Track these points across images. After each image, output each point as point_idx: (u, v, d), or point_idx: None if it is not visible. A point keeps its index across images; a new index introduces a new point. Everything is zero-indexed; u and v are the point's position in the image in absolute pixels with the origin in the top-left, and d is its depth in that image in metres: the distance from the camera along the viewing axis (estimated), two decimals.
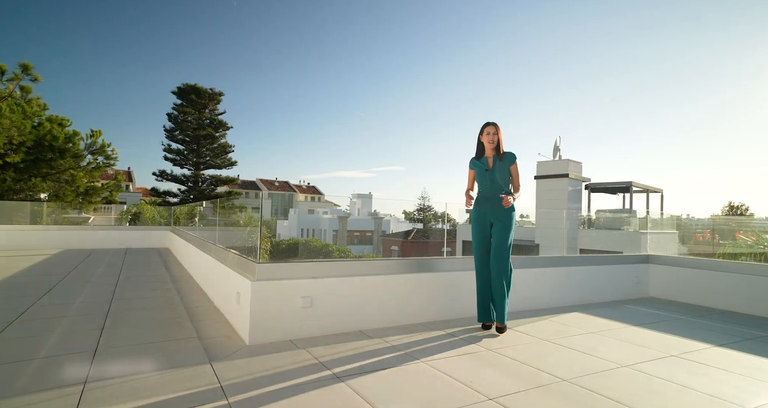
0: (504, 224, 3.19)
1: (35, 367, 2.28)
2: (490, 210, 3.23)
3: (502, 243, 3.18)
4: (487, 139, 3.25)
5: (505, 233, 3.18)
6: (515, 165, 3.27)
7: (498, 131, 3.26)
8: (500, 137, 3.26)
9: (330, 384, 2.15)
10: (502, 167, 3.23)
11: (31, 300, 3.95)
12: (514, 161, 3.26)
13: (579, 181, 16.29)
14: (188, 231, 7.66)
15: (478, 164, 3.31)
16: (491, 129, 3.25)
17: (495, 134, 3.24)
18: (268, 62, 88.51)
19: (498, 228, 3.20)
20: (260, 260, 2.96)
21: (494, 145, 3.24)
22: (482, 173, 3.27)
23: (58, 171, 13.19)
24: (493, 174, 3.23)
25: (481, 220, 3.27)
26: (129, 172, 42.27)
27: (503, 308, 3.19)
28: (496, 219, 3.21)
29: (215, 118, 28.76)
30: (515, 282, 4.07)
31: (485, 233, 3.26)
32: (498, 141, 3.25)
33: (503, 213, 3.20)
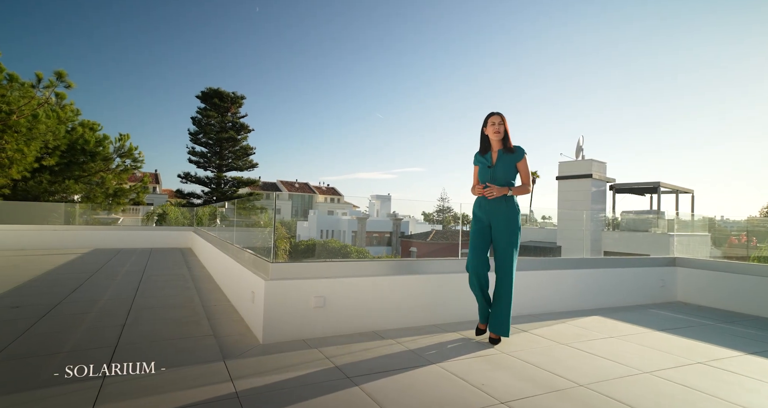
0: (508, 227, 2.89)
1: (59, 360, 2.38)
2: (492, 211, 2.92)
3: (507, 248, 2.88)
4: (492, 130, 2.92)
5: (508, 236, 2.89)
6: (524, 161, 2.94)
7: (504, 121, 2.93)
8: (507, 128, 2.94)
9: (341, 385, 2.15)
10: (507, 163, 2.91)
11: (61, 296, 4.13)
12: (522, 157, 2.93)
13: (603, 182, 15.82)
14: (209, 231, 7.86)
15: (481, 160, 3.03)
16: (496, 119, 2.92)
17: (501, 124, 2.91)
18: (289, 65, 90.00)
19: (501, 231, 2.90)
20: (273, 260, 3.00)
21: (501, 136, 2.91)
22: (484, 170, 2.98)
23: (89, 173, 13.77)
24: (495, 171, 2.93)
25: (481, 223, 2.97)
26: (156, 175, 43.72)
27: (507, 319, 2.89)
28: (499, 221, 2.91)
29: (237, 121, 29.43)
30: (533, 283, 3.99)
31: (484, 235, 2.96)
32: (505, 132, 2.92)
33: (506, 214, 2.90)
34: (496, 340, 2.93)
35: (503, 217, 2.91)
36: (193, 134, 28.52)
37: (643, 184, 16.38)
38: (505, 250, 2.90)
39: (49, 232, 9.90)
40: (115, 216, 16.53)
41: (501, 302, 2.91)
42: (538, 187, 51.54)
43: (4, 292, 4.34)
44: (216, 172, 28.66)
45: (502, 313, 2.90)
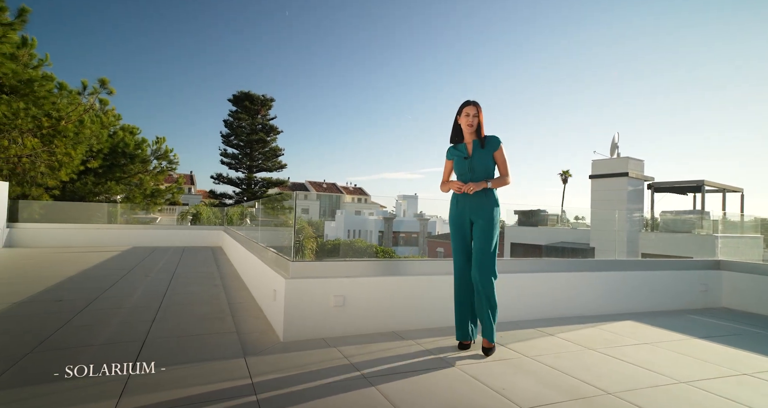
0: (486, 223, 2.68)
1: (92, 352, 2.50)
2: (471, 207, 2.72)
3: (486, 245, 2.66)
4: (465, 122, 2.73)
5: (489, 234, 2.67)
6: (500, 150, 2.74)
7: (479, 112, 2.73)
8: (481, 119, 2.74)
9: (357, 385, 2.14)
10: (484, 154, 2.73)
11: (99, 291, 4.36)
12: (498, 146, 2.73)
13: (640, 181, 15.04)
14: (237, 230, 8.08)
15: (455, 152, 2.81)
16: (471, 109, 2.73)
17: (476, 116, 2.72)
18: (318, 66, 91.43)
19: (480, 228, 2.69)
20: (294, 258, 3.03)
21: (474, 128, 2.73)
22: (461, 162, 2.77)
23: (129, 175, 14.52)
24: (473, 162, 2.72)
25: (459, 220, 2.77)
26: (191, 176, 45.57)
27: (491, 324, 2.67)
28: (478, 217, 2.70)
29: (267, 123, 30.18)
30: (561, 285, 3.83)
31: (465, 235, 2.77)
32: (479, 123, 2.74)
33: (485, 210, 2.69)
34: (491, 350, 2.68)
35: (484, 213, 2.70)
36: (225, 136, 29.48)
37: (686, 182, 15.45)
38: (486, 249, 2.66)
39: (93, 231, 10.51)
40: (153, 215, 17.36)
41: (485, 306, 2.66)
42: (570, 187, 49.66)
43: (50, 286, 4.63)
44: (246, 173, 29.50)
45: (489, 317, 2.66)
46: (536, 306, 3.72)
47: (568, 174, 41.90)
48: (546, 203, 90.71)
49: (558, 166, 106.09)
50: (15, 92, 10.61)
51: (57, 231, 10.06)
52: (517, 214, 17.64)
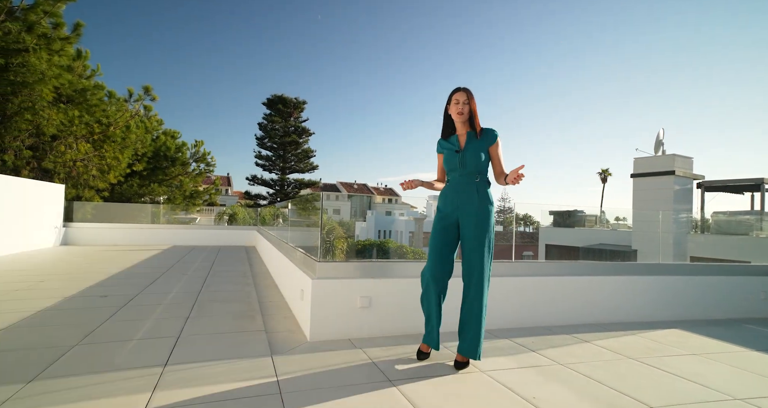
0: (480, 224, 2.39)
1: (131, 347, 2.62)
2: (462, 205, 2.43)
3: (479, 248, 2.38)
4: (455, 110, 2.43)
5: (482, 235, 2.39)
6: (497, 145, 2.47)
7: (470, 99, 2.43)
8: (474, 108, 2.44)
9: (382, 387, 2.11)
10: (478, 148, 2.44)
11: (140, 288, 4.59)
12: (495, 140, 2.45)
13: (689, 179, 14.08)
14: (269, 230, 8.29)
15: (446, 145, 2.52)
16: (461, 96, 2.42)
17: (466, 103, 2.42)
18: (349, 67, 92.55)
19: (471, 229, 2.39)
20: (321, 259, 3.04)
21: (465, 117, 2.44)
22: (451, 155, 2.48)
23: (170, 177, 15.27)
24: (465, 156, 2.43)
25: (446, 219, 2.46)
26: (228, 178, 47.36)
27: (478, 338, 2.37)
28: (469, 217, 2.40)
29: (299, 125, 30.85)
30: (598, 290, 3.64)
31: (450, 236, 2.46)
32: (471, 112, 2.45)
33: (477, 208, 2.41)
34: (464, 364, 2.40)
35: (475, 213, 2.41)
36: (260, 139, 30.39)
37: (743, 180, 14.32)
38: (477, 252, 2.39)
39: (137, 230, 11.13)
40: (192, 216, 18.17)
41: (472, 317, 2.39)
42: (609, 186, 47.21)
43: (98, 282, 4.93)
44: (280, 175, 30.28)
45: (474, 331, 2.38)
46: (571, 311, 3.54)
47: (607, 173, 40.03)
48: (583, 203, 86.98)
49: (596, 165, 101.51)
50: (71, 101, 11.43)
51: (106, 230, 10.73)
52: (553, 215, 17.02)
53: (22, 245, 8.20)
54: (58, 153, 10.93)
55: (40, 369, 2.21)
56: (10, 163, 9.96)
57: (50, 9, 9.60)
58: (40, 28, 9.53)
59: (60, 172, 11.13)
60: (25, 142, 10.25)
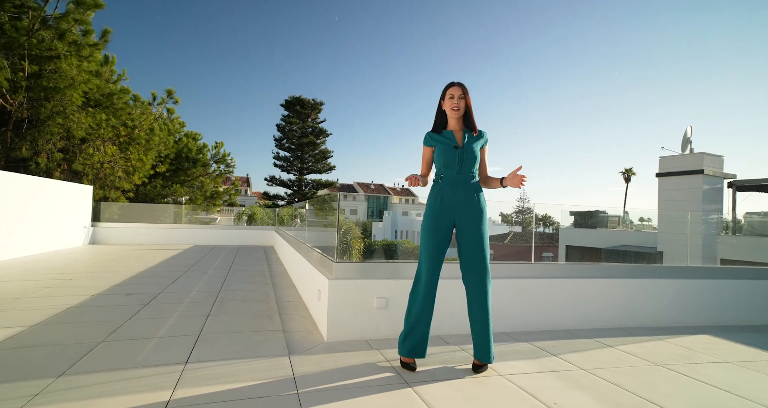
0: (479, 223, 2.34)
1: (153, 344, 2.68)
2: (460, 204, 2.35)
3: (483, 248, 2.34)
4: (449, 105, 2.38)
5: (483, 235, 2.35)
6: (486, 147, 2.49)
7: (466, 94, 2.38)
8: (469, 102, 2.40)
9: (398, 389, 2.10)
10: (475, 146, 2.41)
11: (163, 287, 4.71)
12: (487, 142, 2.48)
13: (719, 179, 13.51)
14: (287, 230, 8.38)
15: (441, 139, 2.41)
16: (455, 90, 2.37)
17: (461, 98, 2.37)
18: (365, 68, 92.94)
19: (471, 229, 2.33)
20: (338, 259, 3.05)
21: (461, 112, 2.38)
22: (449, 151, 2.37)
23: (192, 178, 15.65)
24: (465, 153, 2.35)
25: (441, 219, 2.36)
26: (247, 178, 48.20)
27: (490, 341, 2.35)
28: (468, 216, 2.34)
29: (316, 126, 31.12)
30: (622, 293, 3.53)
31: (445, 237, 2.37)
32: (466, 108, 2.40)
33: (477, 208, 2.35)
34: (482, 368, 2.36)
35: (476, 212, 2.35)
36: (278, 140, 30.81)
37: None
38: (481, 253, 2.33)
39: (160, 230, 11.45)
40: (212, 216, 18.56)
41: (483, 320, 2.34)
42: (633, 186, 45.69)
43: (123, 280, 5.08)
44: (297, 175, 30.63)
45: (487, 334, 2.35)
46: (593, 314, 3.44)
47: (631, 172, 38.89)
48: (605, 204, 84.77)
49: (620, 164, 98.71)
50: (98, 105, 11.85)
51: (130, 230, 11.07)
52: (573, 216, 16.63)
53: (54, 244, 8.55)
54: (87, 155, 11.34)
55: (69, 364, 2.29)
56: (43, 166, 10.40)
57: (80, 17, 9.97)
58: (70, 35, 9.93)
59: (88, 173, 11.55)
60: (56, 145, 10.68)
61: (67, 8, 9.80)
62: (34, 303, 3.75)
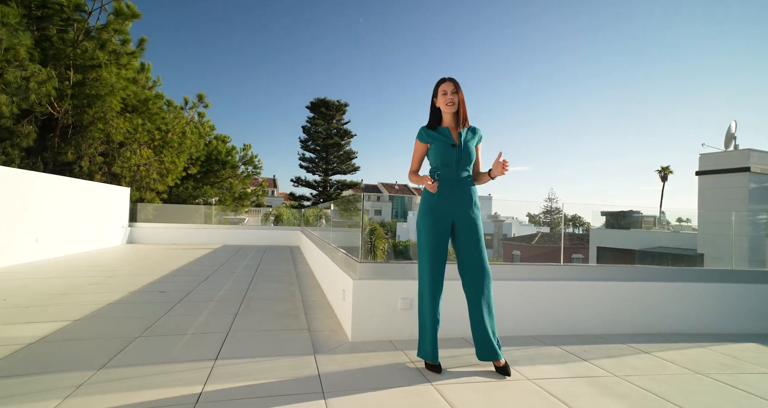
0: (476, 221, 2.33)
1: (185, 340, 2.78)
2: (458, 203, 2.32)
3: (482, 246, 2.31)
4: (443, 101, 2.34)
5: (481, 233, 2.34)
6: (480, 144, 2.47)
7: (458, 90, 2.34)
8: (462, 99, 2.36)
9: (422, 391, 2.08)
10: (472, 144, 2.38)
11: (194, 285, 4.88)
12: (481, 138, 2.45)
13: (767, 177, 12.66)
14: (312, 231, 8.50)
15: (438, 136, 2.36)
16: (448, 86, 2.33)
17: (455, 93, 2.33)
18: (389, 68, 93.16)
19: (469, 228, 2.31)
20: (362, 259, 3.06)
21: (455, 108, 2.34)
22: (446, 149, 2.33)
23: (221, 179, 16.15)
24: (462, 151, 2.33)
25: (440, 216, 2.32)
26: (274, 180, 49.26)
27: (495, 340, 2.32)
28: (465, 215, 2.31)
29: (341, 127, 31.43)
30: (660, 296, 3.37)
31: (444, 235, 2.33)
32: (459, 104, 2.36)
33: (473, 207, 2.34)
34: (506, 370, 2.29)
35: (471, 213, 2.33)
36: (303, 141, 31.32)
37: None
38: (481, 251, 2.31)
39: (192, 230, 11.88)
40: (241, 216, 19.09)
41: (490, 317, 2.33)
42: (670, 185, 43.65)
43: (157, 278, 5.30)
44: (322, 176, 31.02)
45: (493, 332, 2.33)
46: (628, 318, 3.30)
47: (667, 170, 37.09)
48: (639, 203, 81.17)
49: (656, 162, 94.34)
50: (135, 110, 12.44)
51: (164, 230, 11.55)
52: (605, 216, 16.02)
53: (95, 243, 9.03)
54: (125, 158, 11.91)
55: (109, 357, 2.41)
56: (86, 169, 11.01)
57: (119, 27, 10.51)
58: (110, 44, 10.47)
59: (126, 175, 12.13)
60: (97, 149, 11.28)
61: (108, 19, 10.35)
62: (78, 298, 3.97)
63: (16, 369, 2.22)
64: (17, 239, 6.53)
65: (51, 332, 2.87)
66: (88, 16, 10.14)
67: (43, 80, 9.32)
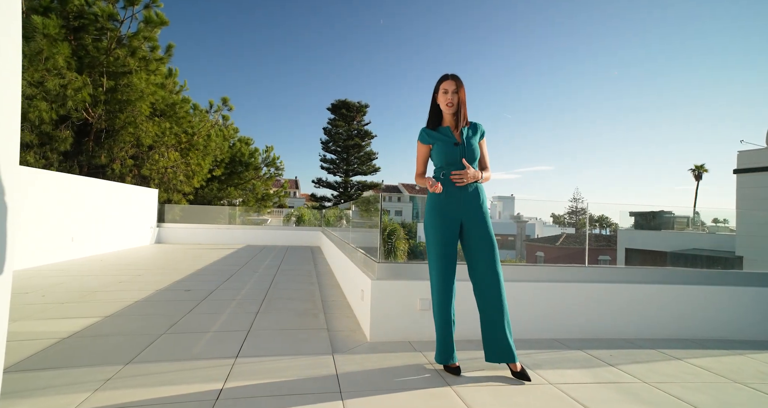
0: (486, 221, 2.27)
1: (208, 338, 2.84)
2: (464, 203, 2.26)
3: (492, 249, 2.24)
4: (443, 100, 2.27)
5: (492, 233, 2.27)
6: (484, 140, 2.39)
7: (460, 88, 2.26)
8: (463, 98, 2.28)
9: (441, 393, 2.05)
10: (474, 142, 2.32)
11: (218, 284, 4.99)
12: (484, 135, 2.38)
13: None
14: (332, 231, 8.56)
15: (439, 136, 2.32)
16: (449, 84, 2.26)
17: (455, 93, 2.26)
18: (411, 68, 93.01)
19: (480, 230, 2.25)
20: (380, 260, 3.05)
21: (455, 108, 2.27)
22: (449, 149, 2.28)
23: (244, 181, 16.51)
24: (466, 150, 2.27)
25: (447, 219, 2.27)
26: (296, 181, 50.01)
27: (510, 342, 2.23)
28: (475, 217, 2.26)
29: (362, 128, 31.58)
30: (693, 300, 3.20)
31: (452, 237, 2.28)
32: (460, 103, 2.28)
33: (481, 207, 2.29)
34: (524, 374, 2.22)
35: (480, 211, 2.28)
36: (324, 143, 31.64)
37: None
38: (492, 252, 2.25)
39: (216, 230, 12.19)
40: (264, 217, 19.45)
41: (503, 320, 2.25)
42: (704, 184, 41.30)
43: (183, 277, 5.46)
44: (343, 177, 31.25)
45: (507, 334, 2.24)
46: (658, 323, 3.16)
47: (702, 169, 35.44)
48: (670, 203, 77.85)
49: (689, 160, 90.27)
50: (163, 115, 12.88)
51: (190, 230, 11.90)
52: (634, 216, 15.43)
53: (126, 243, 9.40)
54: (153, 161, 12.35)
55: (135, 353, 2.49)
56: (118, 171, 11.49)
57: (149, 34, 10.92)
58: (140, 51, 10.90)
59: (154, 178, 12.57)
60: (128, 153, 11.75)
61: (138, 27, 10.77)
62: (109, 296, 4.13)
63: (51, 362, 2.32)
64: (55, 239, 6.86)
65: (84, 328, 3.00)
66: (120, 25, 10.59)
67: (79, 87, 9.79)
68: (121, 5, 10.51)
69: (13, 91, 1.54)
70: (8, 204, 1.50)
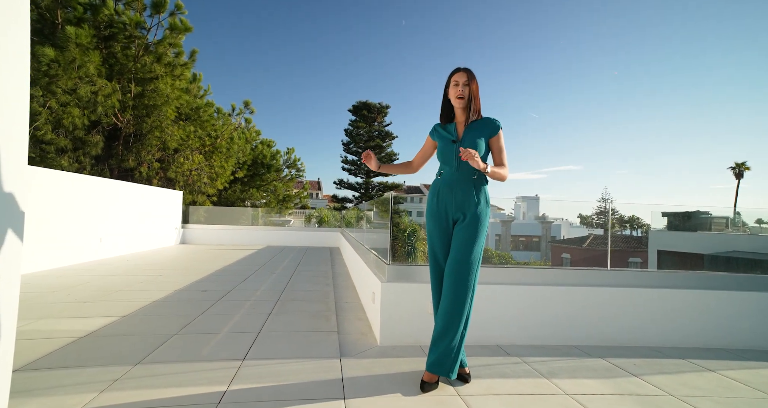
0: (470, 222, 2.11)
1: (218, 339, 2.85)
2: (456, 202, 2.15)
3: (466, 250, 2.08)
4: (454, 94, 2.13)
5: (473, 237, 2.10)
6: (499, 137, 2.16)
7: (471, 81, 2.12)
8: (475, 91, 2.14)
9: (448, 401, 1.96)
10: (477, 139, 2.13)
11: (234, 284, 5.05)
12: (498, 132, 2.15)
13: None
14: (350, 232, 8.55)
15: (441, 133, 2.23)
16: (460, 76, 2.12)
17: (466, 85, 2.12)
18: (432, 67, 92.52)
19: (462, 228, 2.12)
20: (390, 262, 2.98)
21: (466, 102, 2.13)
22: (446, 146, 2.18)
23: (266, 182, 16.79)
24: (460, 147, 2.11)
25: (440, 218, 2.19)
26: (318, 182, 50.58)
27: (457, 352, 2.07)
28: (462, 219, 2.14)
29: (382, 129, 31.58)
30: (731, 307, 2.97)
31: (447, 237, 2.19)
32: (470, 96, 2.13)
33: (477, 207, 2.12)
34: (434, 385, 2.07)
35: (471, 211, 2.12)
36: (346, 144, 31.84)
37: None
38: (467, 253, 2.07)
39: (238, 231, 12.42)
40: (286, 218, 19.73)
41: (451, 326, 2.06)
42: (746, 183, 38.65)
43: (202, 277, 5.56)
44: (365, 178, 31.33)
45: (449, 342, 2.05)
46: (689, 331, 2.95)
47: (744, 167, 33.54)
48: (707, 202, 74.05)
49: (729, 158, 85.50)
50: (188, 118, 13.26)
51: (213, 231, 12.18)
52: (667, 217, 14.71)
53: (151, 244, 9.71)
54: (179, 164, 12.73)
55: (146, 353, 2.52)
56: (145, 174, 11.91)
57: (174, 40, 11.27)
58: (166, 57, 11.26)
59: (179, 180, 12.96)
60: (155, 156, 12.16)
61: (164, 34, 11.14)
62: (129, 296, 4.24)
63: (64, 361, 2.37)
64: (85, 239, 7.15)
65: (100, 327, 3.07)
66: (146, 33, 10.98)
67: (109, 93, 10.20)
68: (148, 13, 10.91)
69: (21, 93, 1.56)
70: (15, 206, 1.53)
